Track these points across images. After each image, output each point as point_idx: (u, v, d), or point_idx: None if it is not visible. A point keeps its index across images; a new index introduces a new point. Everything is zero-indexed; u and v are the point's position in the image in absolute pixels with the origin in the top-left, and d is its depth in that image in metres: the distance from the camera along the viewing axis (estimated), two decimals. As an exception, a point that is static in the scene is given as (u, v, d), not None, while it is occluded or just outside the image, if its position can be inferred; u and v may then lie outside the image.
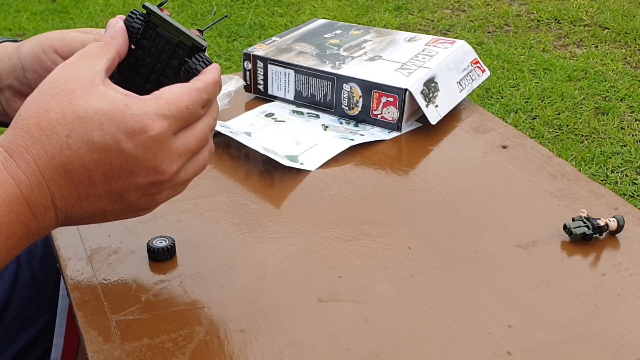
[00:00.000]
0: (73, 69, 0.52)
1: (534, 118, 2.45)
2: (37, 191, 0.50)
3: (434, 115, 0.89)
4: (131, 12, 0.58)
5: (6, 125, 0.70)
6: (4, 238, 0.49)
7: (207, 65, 0.57)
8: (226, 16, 0.69)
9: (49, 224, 0.52)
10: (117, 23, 0.57)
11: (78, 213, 0.52)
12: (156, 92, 0.53)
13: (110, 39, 0.55)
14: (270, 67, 0.96)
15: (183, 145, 0.53)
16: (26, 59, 0.62)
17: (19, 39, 0.68)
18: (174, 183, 0.54)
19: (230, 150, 0.85)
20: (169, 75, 0.58)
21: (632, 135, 2.32)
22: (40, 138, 0.49)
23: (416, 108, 0.90)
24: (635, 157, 2.20)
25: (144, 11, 0.58)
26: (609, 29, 3.09)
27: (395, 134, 0.90)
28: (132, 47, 0.58)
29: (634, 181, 2.10)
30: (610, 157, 2.20)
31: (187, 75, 0.57)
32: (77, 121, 0.49)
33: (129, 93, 0.52)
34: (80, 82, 0.51)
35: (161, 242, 0.66)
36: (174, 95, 0.52)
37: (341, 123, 0.92)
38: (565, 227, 0.69)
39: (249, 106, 0.97)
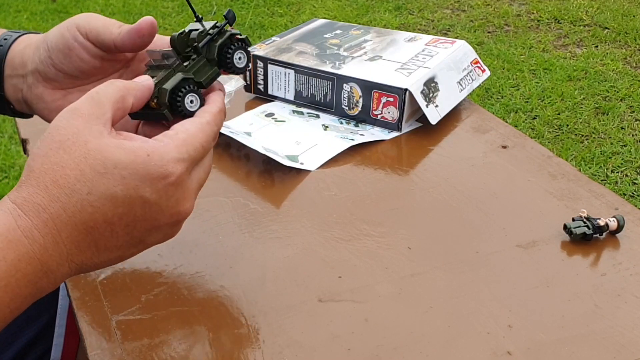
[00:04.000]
0: (81, 116, 0.50)
1: (534, 118, 2.45)
2: (51, 249, 0.47)
3: (434, 115, 0.89)
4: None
5: (20, 114, 0.69)
6: (8, 299, 0.46)
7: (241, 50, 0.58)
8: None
9: (61, 279, 0.49)
10: (148, 81, 0.55)
11: (94, 263, 0.50)
12: (170, 132, 0.52)
13: (133, 85, 0.53)
14: (270, 67, 0.96)
15: (197, 182, 0.54)
16: (51, 40, 0.61)
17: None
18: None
19: (230, 150, 0.85)
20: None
21: (632, 135, 2.32)
22: (59, 196, 0.47)
23: (416, 108, 0.90)
24: (635, 157, 2.20)
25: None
26: (609, 29, 3.09)
27: (395, 134, 0.90)
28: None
29: (634, 181, 2.10)
30: (610, 157, 2.20)
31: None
32: (97, 178, 0.48)
33: (145, 139, 0.50)
34: (90, 133, 0.49)
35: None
36: (188, 135, 0.52)
37: (341, 123, 0.92)
38: (565, 227, 0.69)
39: (249, 106, 0.97)
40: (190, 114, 0.56)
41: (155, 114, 0.56)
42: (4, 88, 0.66)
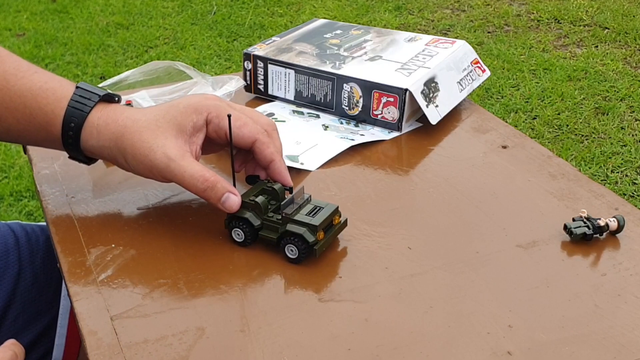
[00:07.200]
0: None
1: (534, 118, 2.45)
2: None
3: (434, 115, 0.90)
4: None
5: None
6: None
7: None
8: None
9: None
10: None
11: None
12: None
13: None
14: (270, 67, 0.96)
15: None
16: (135, 170, 0.70)
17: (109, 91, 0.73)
18: None
19: (231, 151, 0.85)
20: None
21: (632, 135, 2.33)
22: None
23: (416, 108, 0.90)
24: (635, 157, 2.20)
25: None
26: (609, 29, 3.09)
27: (395, 134, 0.90)
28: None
29: (634, 181, 2.10)
30: (610, 157, 2.21)
31: None
32: None
33: None
34: None
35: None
36: None
37: (341, 123, 0.92)
38: (565, 227, 0.70)
39: (249, 106, 0.97)
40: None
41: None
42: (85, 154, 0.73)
